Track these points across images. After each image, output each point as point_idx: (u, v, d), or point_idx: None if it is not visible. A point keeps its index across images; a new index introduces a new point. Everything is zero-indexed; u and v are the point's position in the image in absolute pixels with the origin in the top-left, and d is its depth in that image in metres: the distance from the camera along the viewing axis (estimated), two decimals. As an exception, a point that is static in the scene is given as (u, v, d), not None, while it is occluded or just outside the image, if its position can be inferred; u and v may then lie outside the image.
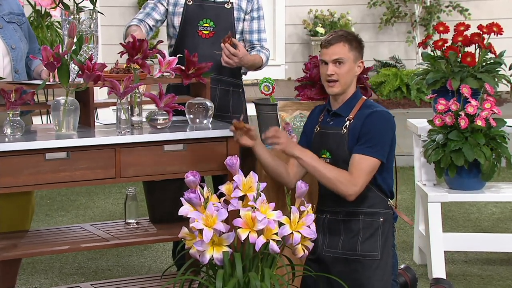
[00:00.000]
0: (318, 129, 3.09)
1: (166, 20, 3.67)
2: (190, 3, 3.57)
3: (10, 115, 2.95)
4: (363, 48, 3.07)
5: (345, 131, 3.00)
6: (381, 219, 3.03)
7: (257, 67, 3.63)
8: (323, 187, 3.06)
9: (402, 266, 3.29)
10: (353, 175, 2.94)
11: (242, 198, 2.82)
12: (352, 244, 3.02)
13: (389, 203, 3.05)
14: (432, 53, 3.96)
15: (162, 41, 3.62)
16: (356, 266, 3.01)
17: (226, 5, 3.58)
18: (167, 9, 3.64)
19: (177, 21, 3.60)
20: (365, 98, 3.08)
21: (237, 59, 3.42)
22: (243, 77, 3.74)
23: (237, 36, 3.62)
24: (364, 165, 2.95)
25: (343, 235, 3.03)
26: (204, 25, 3.57)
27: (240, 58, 3.42)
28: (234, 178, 2.83)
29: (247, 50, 3.67)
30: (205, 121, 3.21)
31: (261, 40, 3.68)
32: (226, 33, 3.45)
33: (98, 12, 3.25)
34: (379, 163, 2.97)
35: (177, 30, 3.60)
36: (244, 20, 3.63)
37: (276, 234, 2.74)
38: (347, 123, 3.01)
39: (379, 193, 3.03)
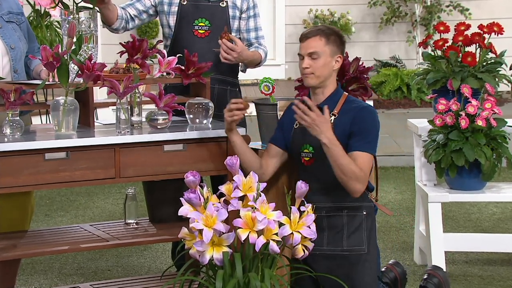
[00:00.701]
0: (298, 124, 3.08)
1: (160, 20, 3.67)
2: (184, 3, 3.58)
3: (10, 115, 2.95)
4: (343, 44, 3.05)
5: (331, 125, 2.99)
6: (364, 213, 3.03)
7: (256, 63, 3.63)
8: (302, 175, 3.04)
9: (391, 262, 3.30)
10: (362, 174, 2.93)
11: (242, 198, 2.82)
12: (338, 240, 3.01)
13: (369, 196, 3.05)
14: (432, 53, 3.96)
15: (161, 41, 3.63)
16: (343, 262, 3.01)
17: (221, 4, 3.58)
18: (155, 6, 3.63)
19: (172, 20, 3.60)
20: (347, 94, 3.08)
21: (236, 54, 3.42)
22: (243, 76, 3.74)
23: (233, 34, 3.62)
24: (366, 162, 2.95)
25: (327, 231, 3.03)
26: (200, 24, 3.57)
27: (238, 53, 3.43)
28: (234, 178, 2.83)
29: None
30: (205, 121, 3.21)
31: (258, 37, 3.68)
32: (222, 32, 3.45)
33: (98, 11, 3.25)
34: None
35: (173, 30, 3.60)
36: (240, 18, 3.63)
37: (276, 234, 2.74)
38: (332, 118, 3.01)
39: None
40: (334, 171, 2.93)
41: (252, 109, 3.56)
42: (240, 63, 3.64)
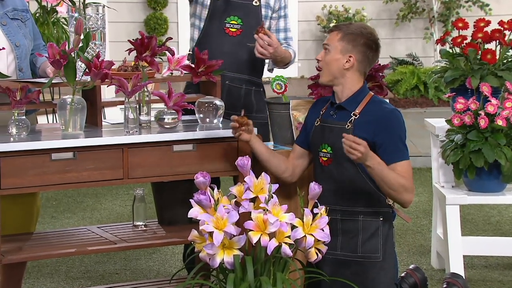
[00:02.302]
0: (319, 122, 3.08)
1: (193, 8, 3.62)
2: None
3: (15, 114, 2.97)
4: (367, 47, 3.00)
5: (350, 126, 2.99)
6: (381, 219, 3.02)
7: (286, 63, 3.63)
8: (318, 174, 3.04)
9: (411, 267, 3.29)
10: (405, 180, 2.95)
11: (253, 200, 2.82)
12: (352, 245, 3.01)
13: (387, 201, 3.04)
14: (450, 50, 3.95)
15: (171, 38, 3.63)
16: (357, 269, 3.00)
17: (254, 3, 3.57)
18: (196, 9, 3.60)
19: (204, 13, 3.58)
20: (372, 94, 3.07)
21: (272, 49, 3.41)
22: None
23: None
24: (407, 170, 2.97)
25: (341, 235, 3.02)
26: (232, 22, 3.55)
27: (275, 48, 3.42)
28: (245, 179, 2.83)
29: None
30: (215, 121, 3.22)
31: (287, 39, 3.68)
32: (253, 32, 3.45)
33: (107, 7, 3.26)
34: None
35: (203, 23, 3.58)
36: (271, 18, 3.62)
37: (289, 237, 2.74)
38: (352, 118, 3.01)
39: (377, 192, 3.02)
40: (382, 188, 2.95)
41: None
42: (268, 62, 3.64)
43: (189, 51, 3.65)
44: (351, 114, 3.01)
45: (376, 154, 2.92)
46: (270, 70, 3.70)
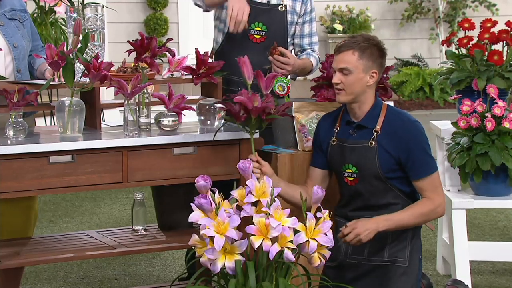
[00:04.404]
0: (336, 141, 3.08)
1: (217, 11, 3.59)
2: None
3: (13, 116, 2.98)
4: (382, 56, 3.02)
5: (374, 143, 3.01)
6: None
7: (307, 72, 3.62)
8: (347, 198, 3.07)
9: None
10: (433, 199, 3.01)
11: (255, 204, 2.83)
12: (380, 249, 3.03)
13: None
14: (456, 51, 3.95)
15: (171, 39, 3.64)
16: (381, 272, 3.02)
17: (279, 8, 3.55)
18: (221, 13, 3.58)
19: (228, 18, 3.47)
20: (387, 104, 3.08)
21: (290, 67, 3.42)
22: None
23: (288, 39, 3.60)
24: (435, 183, 3.02)
25: (370, 241, 3.03)
26: (256, 28, 3.52)
27: (292, 65, 3.42)
28: (247, 182, 2.84)
29: (296, 54, 3.65)
30: (216, 123, 3.22)
31: (312, 44, 3.66)
32: (278, 38, 3.43)
33: (106, 7, 3.27)
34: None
35: (227, 28, 3.50)
36: (296, 23, 3.61)
37: (291, 241, 2.74)
38: (374, 135, 3.01)
39: (408, 200, 3.04)
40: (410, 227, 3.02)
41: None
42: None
43: (212, 51, 3.62)
44: (373, 131, 3.02)
45: (405, 168, 2.99)
46: (293, 79, 3.68)
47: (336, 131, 3.10)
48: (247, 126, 2.95)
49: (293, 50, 3.67)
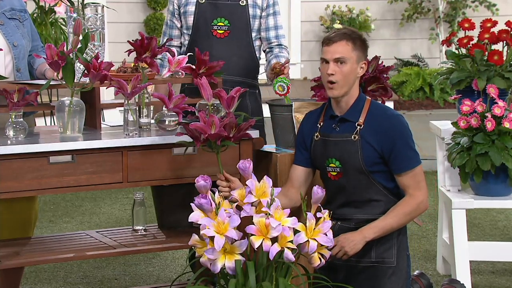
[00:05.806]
0: (319, 136, 3.08)
1: (180, 23, 3.68)
2: (202, 1, 3.58)
3: (13, 116, 2.98)
4: (367, 49, 3.04)
5: (357, 137, 3.00)
6: None
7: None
8: (331, 194, 3.06)
9: (416, 273, 3.30)
10: (416, 196, 3.00)
11: (255, 203, 2.83)
12: (366, 250, 3.02)
13: None
14: (456, 51, 3.95)
15: (171, 39, 3.64)
16: (370, 273, 3.01)
17: (240, 3, 3.60)
18: (179, 16, 3.65)
19: (190, 20, 3.61)
20: (370, 98, 3.08)
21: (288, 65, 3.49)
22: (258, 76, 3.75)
23: (253, 34, 3.64)
24: (417, 177, 3.01)
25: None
26: (219, 24, 3.58)
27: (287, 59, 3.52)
28: (247, 182, 2.84)
29: (265, 50, 3.70)
30: (216, 123, 3.22)
31: (278, 37, 3.69)
32: (242, 32, 3.45)
33: (106, 7, 3.27)
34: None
35: (191, 30, 3.62)
36: (260, 17, 3.64)
37: (291, 241, 2.75)
38: (358, 128, 3.00)
39: (392, 197, 3.03)
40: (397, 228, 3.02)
41: (266, 111, 3.57)
42: (264, 68, 3.64)
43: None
44: (356, 125, 3.01)
45: (387, 162, 2.98)
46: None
47: (319, 126, 3.09)
48: (210, 148, 2.94)
49: (261, 45, 3.70)
